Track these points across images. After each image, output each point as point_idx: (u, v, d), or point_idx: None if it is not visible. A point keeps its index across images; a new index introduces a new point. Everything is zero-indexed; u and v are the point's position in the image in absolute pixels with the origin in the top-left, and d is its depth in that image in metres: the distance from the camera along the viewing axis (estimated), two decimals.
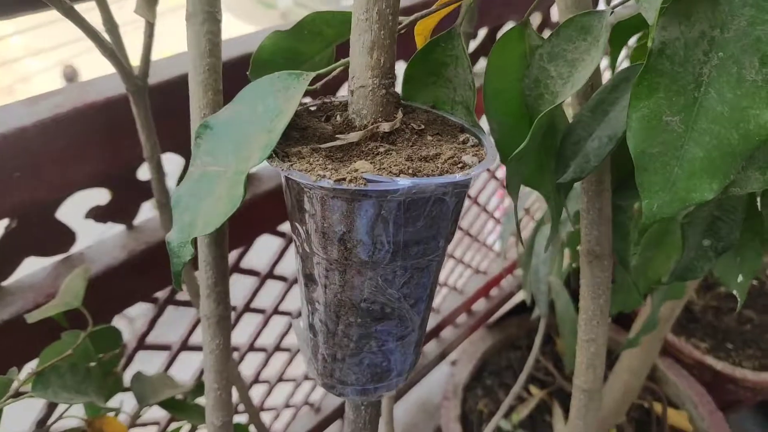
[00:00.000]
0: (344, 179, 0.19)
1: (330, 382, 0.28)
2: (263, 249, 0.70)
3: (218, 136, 0.24)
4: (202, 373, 0.66)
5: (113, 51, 0.30)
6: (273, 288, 0.73)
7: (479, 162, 0.22)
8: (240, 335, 0.63)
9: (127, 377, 0.46)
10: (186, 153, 0.48)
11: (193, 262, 0.46)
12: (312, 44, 0.29)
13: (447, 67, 0.25)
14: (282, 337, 0.79)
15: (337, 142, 0.23)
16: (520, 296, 1.27)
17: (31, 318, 0.38)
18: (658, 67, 0.23)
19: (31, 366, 0.43)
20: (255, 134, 0.23)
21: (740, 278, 0.36)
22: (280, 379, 0.86)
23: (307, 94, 0.24)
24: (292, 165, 0.21)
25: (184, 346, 0.63)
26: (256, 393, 0.92)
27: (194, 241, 0.22)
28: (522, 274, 1.06)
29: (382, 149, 0.22)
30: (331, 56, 0.32)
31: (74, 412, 0.42)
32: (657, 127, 0.23)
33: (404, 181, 0.19)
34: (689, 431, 1.04)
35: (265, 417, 0.87)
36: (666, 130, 0.23)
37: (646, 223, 0.24)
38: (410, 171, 0.20)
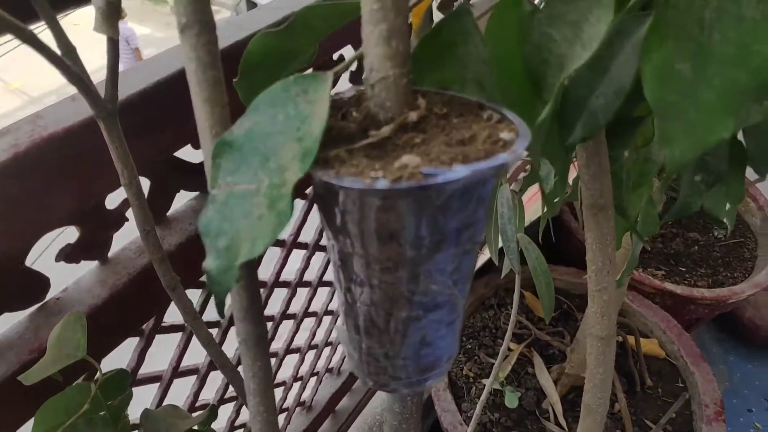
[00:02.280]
0: (401, 177, 0.19)
1: (381, 380, 0.28)
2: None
3: (240, 152, 0.23)
4: (196, 395, 0.64)
5: (79, 76, 0.28)
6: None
7: (517, 137, 0.22)
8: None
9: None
10: (154, 176, 0.46)
11: (184, 280, 0.44)
12: (302, 40, 0.28)
13: (457, 47, 0.25)
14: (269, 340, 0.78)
15: (370, 139, 0.22)
16: (482, 258, 1.31)
17: (28, 379, 0.36)
18: (666, 16, 0.24)
19: (26, 429, 0.41)
20: (283, 144, 0.22)
21: (728, 206, 0.39)
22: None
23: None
24: (338, 171, 0.20)
25: (176, 373, 0.61)
26: None
27: (241, 265, 0.22)
28: (485, 234, 1.08)
29: (417, 140, 0.22)
30: (313, 53, 0.31)
31: None
32: (670, 76, 0.24)
33: (462, 169, 0.19)
34: (662, 355, 1.11)
35: None
36: (679, 78, 0.24)
37: (670, 170, 0.25)
38: (459, 158, 0.20)
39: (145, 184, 0.47)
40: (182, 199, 0.55)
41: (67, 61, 0.29)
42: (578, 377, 1.19)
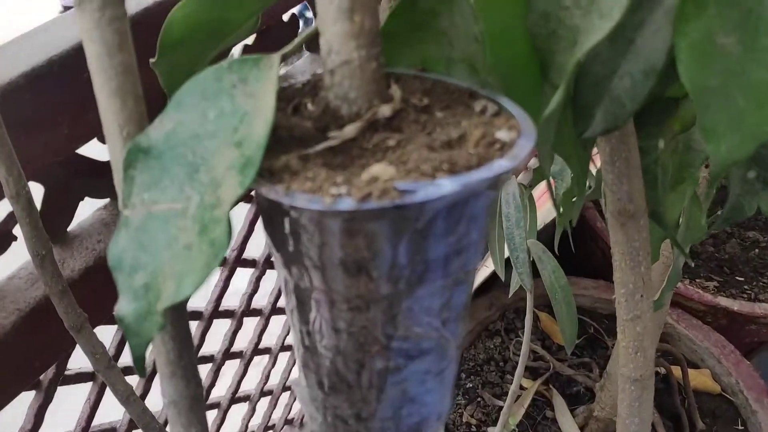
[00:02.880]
0: (369, 194, 0.19)
1: None
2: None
3: (160, 160, 0.23)
4: None
5: None
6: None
7: (518, 136, 0.22)
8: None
9: None
10: (49, 181, 0.46)
11: (93, 316, 0.44)
12: (240, 10, 0.28)
13: (439, 17, 0.26)
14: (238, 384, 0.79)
15: (331, 142, 0.22)
16: (484, 271, 1.32)
17: None
18: None
19: None
20: (216, 151, 0.22)
21: None
22: None
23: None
24: (288, 187, 0.20)
25: None
26: None
27: (164, 311, 0.22)
28: (488, 241, 1.09)
29: (391, 142, 0.22)
30: (257, 21, 0.31)
31: None
32: (712, 54, 0.25)
33: (448, 182, 0.19)
34: (716, 391, 1.14)
35: None
36: (722, 54, 0.25)
37: (716, 171, 0.26)
38: (444, 167, 0.20)
39: (37, 191, 0.46)
40: (88, 209, 0.55)
41: None
42: (611, 422, 1.21)
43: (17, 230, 0.46)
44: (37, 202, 0.47)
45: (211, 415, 0.85)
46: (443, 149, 0.22)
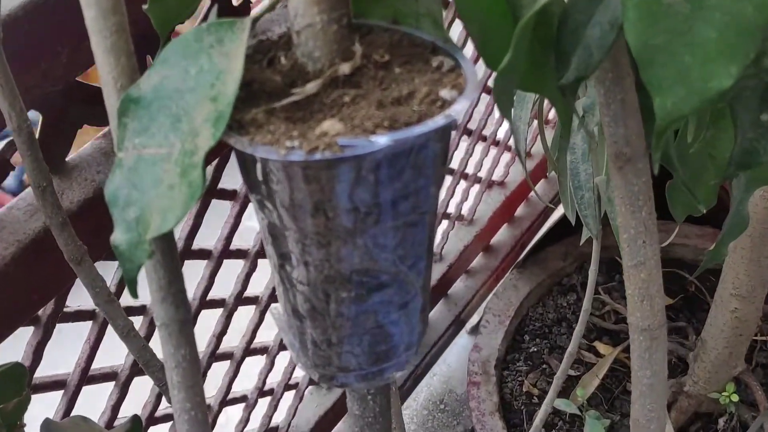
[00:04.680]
0: (317, 148, 0.31)
1: (328, 372, 0.40)
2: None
3: (149, 110, 0.34)
4: (115, 409, 0.79)
5: None
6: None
7: (459, 95, 0.33)
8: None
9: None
10: (48, 109, 0.59)
11: (92, 249, 0.57)
12: None
13: None
14: (219, 338, 0.92)
15: (294, 97, 0.33)
16: (557, 213, 1.42)
17: None
18: None
19: None
20: (195, 104, 0.33)
21: None
22: (225, 401, 1.00)
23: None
24: (252, 138, 0.32)
25: (86, 377, 0.75)
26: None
27: (153, 239, 0.34)
28: (558, 177, 1.19)
29: (347, 98, 0.33)
30: None
31: None
32: (658, 13, 0.35)
33: (381, 139, 0.31)
34: None
35: None
36: (669, 14, 0.35)
37: (661, 125, 0.36)
38: (386, 124, 0.31)
39: (35, 119, 0.59)
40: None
41: None
42: (705, 399, 1.30)
43: (16, 158, 0.59)
44: (37, 132, 0.60)
45: (223, 367, 0.99)
46: (391, 105, 0.33)
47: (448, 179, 1.33)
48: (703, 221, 1.47)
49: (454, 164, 1.33)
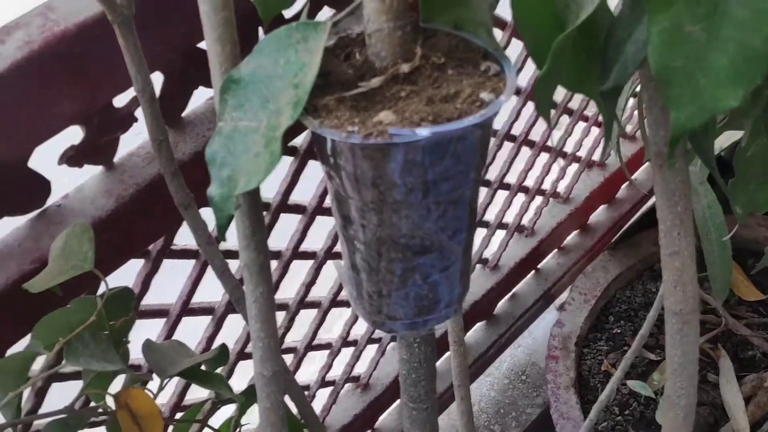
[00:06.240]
0: (371, 134, 0.38)
1: (378, 318, 0.48)
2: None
3: (245, 90, 0.43)
4: (210, 341, 0.90)
5: None
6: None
7: (496, 97, 0.40)
8: None
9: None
10: (169, 71, 0.68)
11: (199, 197, 0.66)
12: None
13: None
14: (308, 287, 1.02)
15: (361, 89, 0.41)
16: (652, 200, 1.45)
17: (34, 287, 0.60)
18: None
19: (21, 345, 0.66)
20: (281, 89, 0.42)
21: None
22: (311, 346, 1.10)
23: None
24: (322, 121, 0.40)
25: (186, 309, 0.86)
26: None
27: (241, 194, 0.42)
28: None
29: (403, 93, 0.41)
30: None
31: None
32: (679, 39, 0.41)
33: (423, 131, 0.38)
34: None
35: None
36: (689, 41, 0.41)
37: (676, 134, 0.42)
38: (430, 118, 0.39)
39: (157, 79, 0.69)
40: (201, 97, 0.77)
41: None
42: None
43: (139, 112, 0.69)
44: (157, 88, 0.69)
45: (278, 318, 1.07)
46: (439, 102, 0.40)
47: (544, 157, 1.38)
48: None
49: (551, 142, 1.38)
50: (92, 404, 0.64)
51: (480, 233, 1.38)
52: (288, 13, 0.72)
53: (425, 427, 0.59)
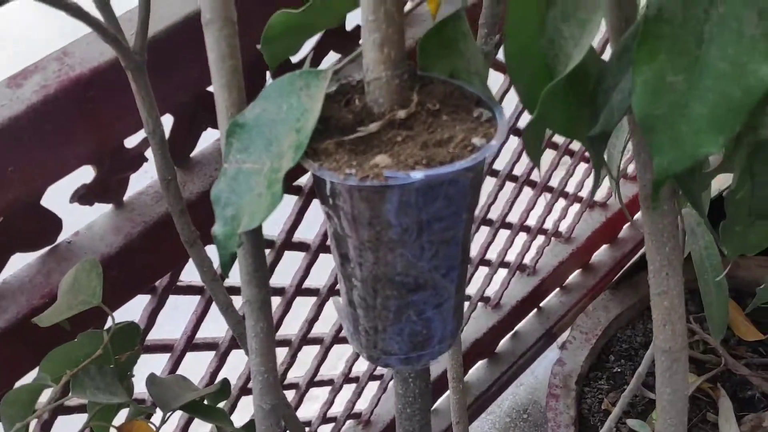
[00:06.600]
0: (368, 176, 0.41)
1: (374, 353, 0.50)
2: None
3: (249, 134, 0.45)
4: (213, 375, 0.91)
5: (115, 36, 0.52)
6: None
7: (488, 142, 0.43)
8: None
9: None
10: (179, 113, 0.71)
11: (204, 235, 0.69)
12: (322, 17, 0.50)
13: (458, 42, 0.46)
14: (311, 323, 1.04)
15: (358, 134, 0.44)
16: None
17: (43, 322, 0.62)
18: (657, 32, 0.43)
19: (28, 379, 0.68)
20: (284, 133, 0.44)
21: None
22: (313, 382, 1.11)
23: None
24: (321, 164, 0.42)
25: (190, 344, 0.88)
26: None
27: (242, 234, 0.45)
28: None
29: (399, 138, 0.43)
30: (340, 20, 0.53)
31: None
32: (662, 89, 0.43)
33: (417, 174, 0.40)
34: None
35: None
36: (671, 90, 0.43)
37: (658, 179, 0.45)
38: (424, 162, 0.41)
39: (167, 121, 0.72)
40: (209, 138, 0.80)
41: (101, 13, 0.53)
42: None
43: (149, 152, 0.71)
44: (167, 130, 0.72)
45: (281, 354, 1.08)
46: (433, 146, 0.43)
47: (546, 197, 1.41)
48: None
49: (553, 182, 1.41)
50: None
51: (482, 272, 1.40)
52: (296, 58, 0.75)
53: None
